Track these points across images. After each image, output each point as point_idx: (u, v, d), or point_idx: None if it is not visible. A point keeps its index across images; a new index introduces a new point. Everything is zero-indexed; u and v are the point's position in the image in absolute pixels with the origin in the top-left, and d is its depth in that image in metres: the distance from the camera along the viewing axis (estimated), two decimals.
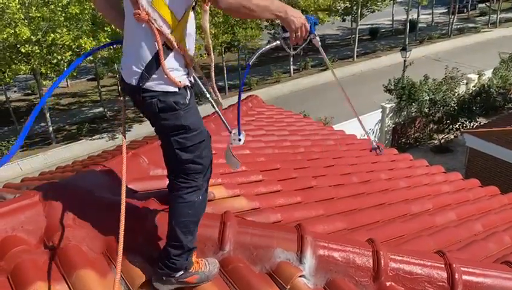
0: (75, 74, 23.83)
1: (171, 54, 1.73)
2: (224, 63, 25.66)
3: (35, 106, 25.53)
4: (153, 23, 1.66)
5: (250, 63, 2.24)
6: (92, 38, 18.47)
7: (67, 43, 17.99)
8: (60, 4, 17.61)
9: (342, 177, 3.94)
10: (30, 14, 17.55)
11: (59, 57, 18.38)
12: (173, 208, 1.91)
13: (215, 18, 21.45)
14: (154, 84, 1.72)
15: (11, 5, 16.50)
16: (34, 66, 18.58)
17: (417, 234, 3.06)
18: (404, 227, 3.12)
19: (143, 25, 1.68)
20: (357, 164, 4.58)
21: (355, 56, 31.64)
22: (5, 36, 16.90)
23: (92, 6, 18.00)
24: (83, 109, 26.76)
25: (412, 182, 4.35)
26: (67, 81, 28.92)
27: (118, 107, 26.14)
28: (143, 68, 1.70)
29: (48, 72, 19.19)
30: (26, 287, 1.85)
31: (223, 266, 2.17)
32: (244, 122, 5.24)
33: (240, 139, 2.17)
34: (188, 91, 1.81)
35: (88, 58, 21.85)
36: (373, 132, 18.57)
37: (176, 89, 1.75)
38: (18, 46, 17.62)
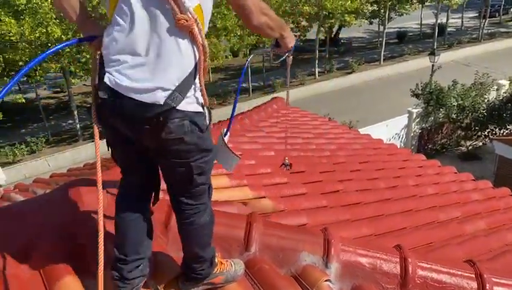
0: None
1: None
2: (249, 65, 25.69)
3: (63, 103, 26.21)
4: (197, 32, 1.43)
5: (246, 67, 2.32)
6: None
7: None
8: (90, 5, 17.96)
9: (368, 182, 3.89)
10: (61, 14, 17.94)
11: (87, 56, 18.74)
12: (187, 233, 1.79)
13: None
14: (185, 104, 1.47)
15: (43, 4, 16.95)
16: (64, 64, 19.01)
17: (445, 242, 2.99)
18: (432, 235, 3.05)
19: (180, 33, 1.42)
20: (384, 169, 4.52)
21: (382, 59, 31.25)
22: (37, 35, 17.37)
23: None
24: None
25: (440, 189, 4.26)
26: None
27: None
28: (177, 84, 1.44)
29: (77, 70, 19.61)
30: (56, 282, 1.88)
31: (248, 267, 2.17)
32: (269, 124, 5.24)
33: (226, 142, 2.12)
34: (207, 110, 1.62)
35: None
36: (399, 137, 18.29)
37: (201, 109, 1.56)
38: (49, 45, 18.06)
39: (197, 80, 1.51)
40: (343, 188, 3.53)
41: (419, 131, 18.42)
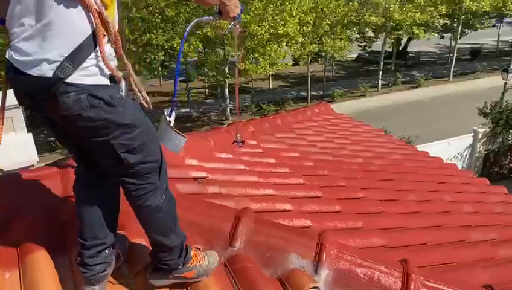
0: (166, 74, 25.12)
1: (106, 39, 1.38)
2: (309, 73, 25.46)
3: None
4: None
5: (188, 30, 2.11)
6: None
7: (161, 43, 19.01)
8: (157, 6, 18.68)
9: (396, 192, 3.60)
10: (130, 15, 18.83)
11: (152, 56, 19.48)
12: (141, 217, 1.67)
13: (304, 27, 21.38)
14: (80, 76, 1.33)
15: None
16: (130, 63, 19.86)
17: (470, 264, 2.67)
18: (456, 254, 2.74)
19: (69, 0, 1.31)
20: (421, 181, 4.17)
21: (451, 76, 29.77)
22: None
23: (187, 9, 18.92)
24: None
25: (481, 208, 3.86)
26: (160, 81, 30.58)
27: (202, 109, 27.17)
28: (66, 55, 1.30)
29: (142, 69, 20.42)
30: (28, 255, 1.85)
31: (230, 263, 2.03)
32: (305, 127, 5.06)
33: (169, 122, 1.94)
34: (123, 82, 1.47)
35: (180, 61, 23.03)
36: (461, 157, 17.21)
37: (108, 82, 1.40)
38: None
39: (98, 50, 1.36)
40: (365, 195, 3.28)
41: (485, 152, 17.22)
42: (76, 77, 1.32)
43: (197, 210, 2.25)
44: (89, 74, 1.35)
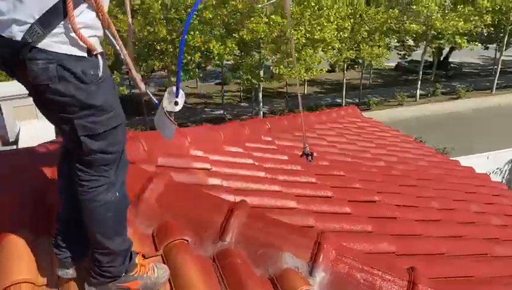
0: (201, 76, 25.35)
1: (83, 5, 1.24)
2: (344, 80, 25.06)
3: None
4: None
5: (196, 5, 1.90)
6: (220, 43, 19.39)
7: (198, 45, 19.15)
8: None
9: (417, 199, 3.36)
10: (169, 16, 19.11)
11: (189, 57, 19.66)
12: (87, 212, 1.48)
13: (341, 33, 21.03)
14: (52, 43, 1.21)
15: (154, 5, 18.16)
16: (167, 63, 20.13)
17: (490, 280, 2.42)
18: (476, 267, 2.49)
19: None
20: (448, 189, 3.91)
21: (494, 88, 28.59)
22: (145, 34, 18.64)
23: (225, 12, 18.99)
24: (206, 109, 28.34)
25: (511, 221, 3.56)
26: (197, 83, 30.92)
27: (236, 111, 27.21)
28: (37, 17, 1.18)
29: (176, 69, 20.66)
30: (10, 234, 1.79)
31: (219, 258, 1.89)
32: (328, 128, 4.87)
33: (176, 103, 1.68)
34: (101, 59, 1.33)
35: (216, 63, 23.24)
36: (501, 172, 16.42)
37: (84, 54, 1.27)
38: (155, 43, 19.29)
39: (77, 15, 1.22)
40: (381, 199, 3.07)
41: None
42: (49, 43, 1.21)
43: (190, 201, 2.13)
44: (62, 41, 1.23)
